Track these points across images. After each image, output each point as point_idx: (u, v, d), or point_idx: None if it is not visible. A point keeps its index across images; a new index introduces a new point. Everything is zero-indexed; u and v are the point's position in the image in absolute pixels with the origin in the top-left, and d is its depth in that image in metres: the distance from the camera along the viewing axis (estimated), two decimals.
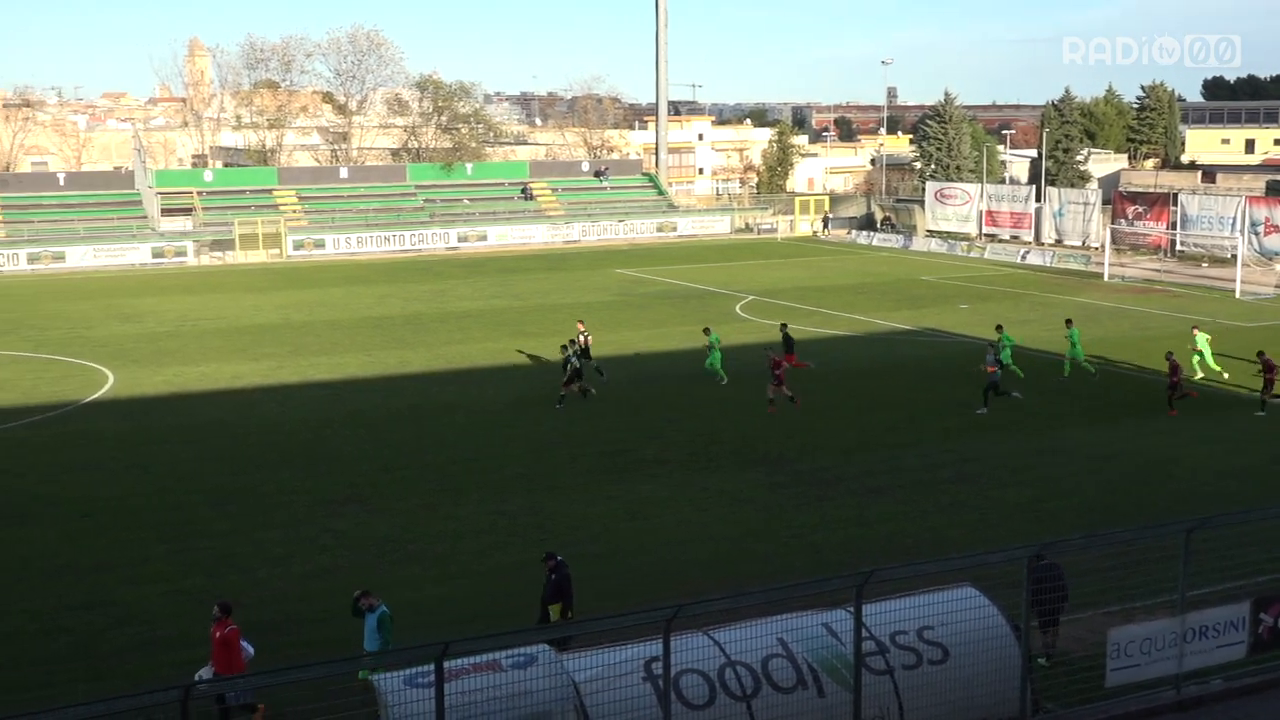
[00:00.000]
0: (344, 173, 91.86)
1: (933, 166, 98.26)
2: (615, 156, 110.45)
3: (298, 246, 79.99)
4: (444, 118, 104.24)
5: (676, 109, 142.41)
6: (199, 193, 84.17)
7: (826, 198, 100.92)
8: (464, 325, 51.42)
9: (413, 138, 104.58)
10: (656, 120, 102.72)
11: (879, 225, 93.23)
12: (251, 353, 45.24)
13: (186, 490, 28.33)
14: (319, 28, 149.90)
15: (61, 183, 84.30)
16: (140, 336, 48.40)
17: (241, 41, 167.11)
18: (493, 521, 26.01)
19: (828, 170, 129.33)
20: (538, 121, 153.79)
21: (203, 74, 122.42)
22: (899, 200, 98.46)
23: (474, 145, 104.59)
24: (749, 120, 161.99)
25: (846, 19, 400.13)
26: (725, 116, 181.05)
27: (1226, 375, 38.09)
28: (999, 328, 38.78)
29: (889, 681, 15.04)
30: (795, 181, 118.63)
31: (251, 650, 17.46)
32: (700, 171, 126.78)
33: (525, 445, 32.12)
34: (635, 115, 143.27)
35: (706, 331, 40.29)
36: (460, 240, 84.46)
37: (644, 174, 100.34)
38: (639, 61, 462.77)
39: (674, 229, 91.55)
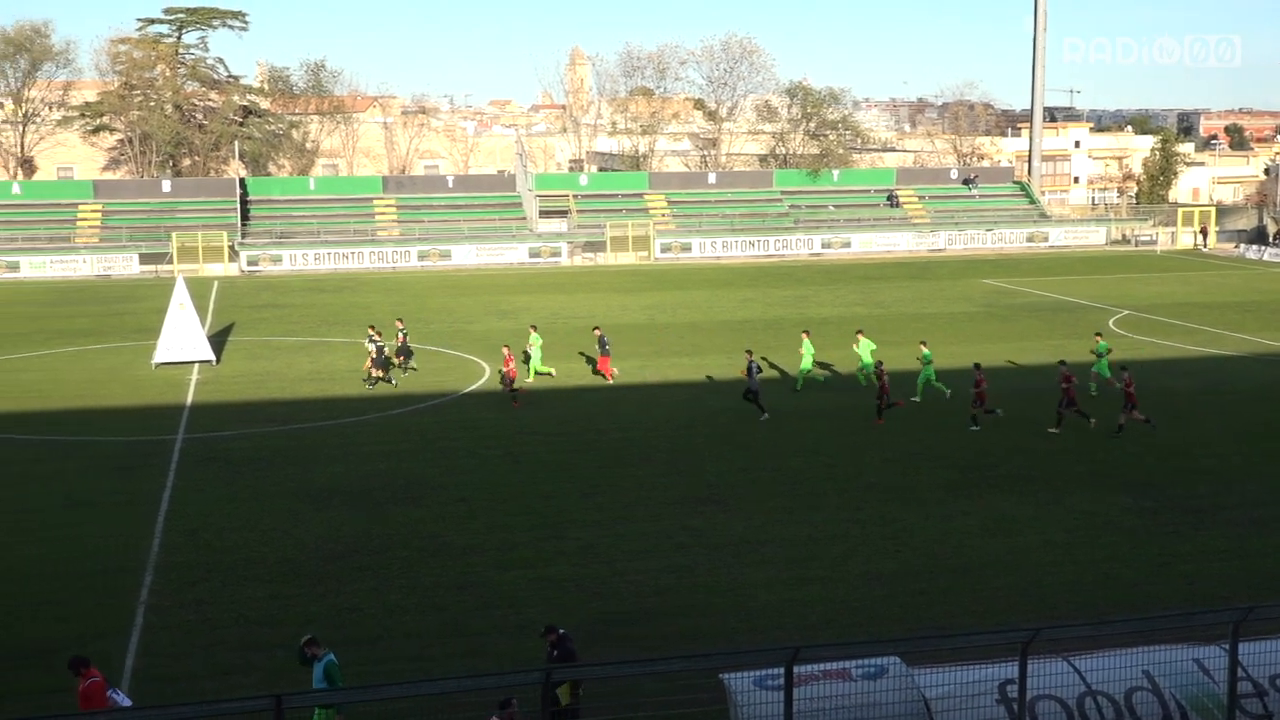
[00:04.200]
0: (712, 178, 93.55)
1: None
2: (985, 164, 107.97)
3: (665, 249, 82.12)
4: (812, 124, 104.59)
5: (1052, 115, 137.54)
6: (574, 196, 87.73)
7: (1213, 209, 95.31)
8: (824, 332, 51.28)
9: (780, 144, 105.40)
10: (1030, 127, 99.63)
11: (1271, 239, 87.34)
12: (617, 351, 46.56)
13: (553, 481, 29.57)
14: (693, 36, 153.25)
15: (450, 185, 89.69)
16: (514, 332, 50.70)
17: (620, 50, 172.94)
18: (847, 529, 25.92)
19: (1215, 180, 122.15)
20: (906, 128, 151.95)
21: (582, 82, 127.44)
22: None
23: (841, 152, 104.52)
24: (1130, 127, 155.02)
25: (1242, 17, 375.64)
26: (1104, 123, 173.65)
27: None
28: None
29: None
30: (1178, 192, 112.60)
31: (124, 703, 15.86)
32: (1075, 180, 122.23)
33: (882, 454, 31.85)
34: (1008, 121, 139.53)
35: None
36: (824, 246, 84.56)
37: (1015, 182, 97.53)
38: (1014, 66, 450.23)
39: (1045, 239, 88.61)
